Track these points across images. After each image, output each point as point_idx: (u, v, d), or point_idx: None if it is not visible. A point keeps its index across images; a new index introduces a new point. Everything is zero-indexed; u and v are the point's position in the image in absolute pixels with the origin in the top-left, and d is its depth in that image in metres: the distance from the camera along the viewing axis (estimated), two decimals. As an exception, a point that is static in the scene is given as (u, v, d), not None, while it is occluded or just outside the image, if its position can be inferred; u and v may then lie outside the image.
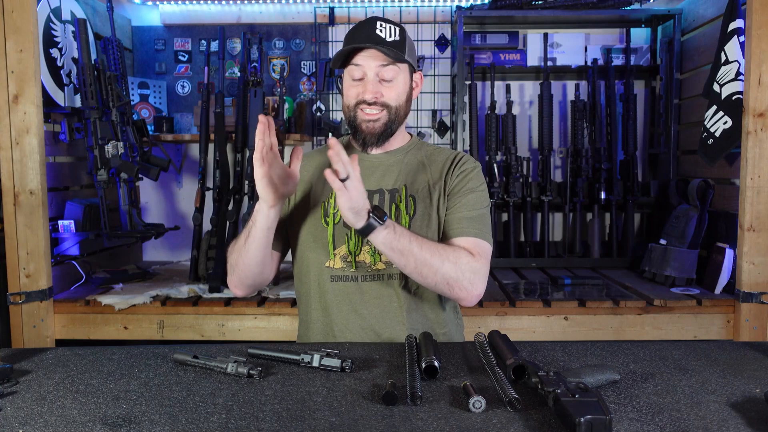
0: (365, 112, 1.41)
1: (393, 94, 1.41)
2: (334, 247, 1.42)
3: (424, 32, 3.10)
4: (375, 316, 1.40)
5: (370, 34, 1.38)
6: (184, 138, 2.91)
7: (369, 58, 1.38)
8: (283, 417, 0.93)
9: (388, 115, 1.41)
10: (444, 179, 1.46)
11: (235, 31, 3.11)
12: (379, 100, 1.39)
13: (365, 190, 1.23)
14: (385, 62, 1.38)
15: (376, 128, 1.41)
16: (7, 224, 2.09)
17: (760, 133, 2.11)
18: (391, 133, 1.45)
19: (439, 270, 1.30)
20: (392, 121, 1.43)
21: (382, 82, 1.40)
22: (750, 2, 2.10)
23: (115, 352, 1.24)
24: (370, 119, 1.41)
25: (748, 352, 1.24)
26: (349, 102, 1.43)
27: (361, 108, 1.41)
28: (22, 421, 0.92)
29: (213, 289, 2.38)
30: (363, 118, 1.41)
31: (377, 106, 1.40)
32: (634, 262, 2.83)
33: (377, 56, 1.38)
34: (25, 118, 2.05)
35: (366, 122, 1.41)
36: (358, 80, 1.41)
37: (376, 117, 1.41)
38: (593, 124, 2.92)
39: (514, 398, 0.94)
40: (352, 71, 1.41)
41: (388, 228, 1.25)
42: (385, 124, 1.42)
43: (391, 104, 1.41)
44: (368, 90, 1.39)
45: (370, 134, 1.42)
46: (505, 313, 2.27)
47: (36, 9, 2.08)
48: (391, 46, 1.38)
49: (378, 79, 1.39)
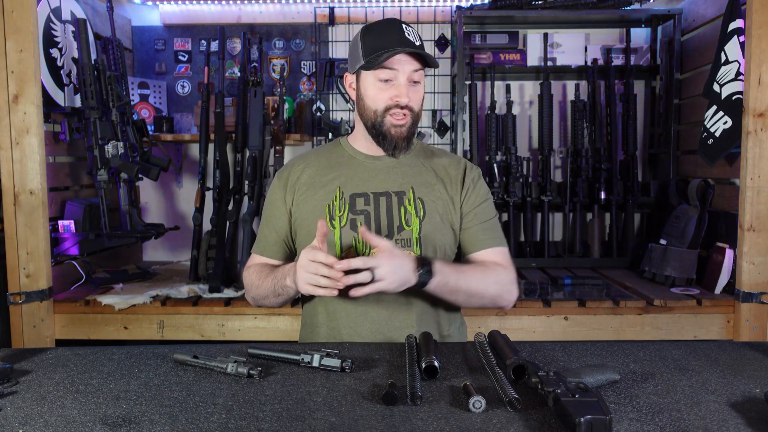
0: (395, 117, 1.40)
1: (417, 99, 1.42)
2: (341, 250, 1.41)
3: (424, 32, 3.09)
4: (384, 319, 1.40)
5: (402, 38, 1.37)
6: (184, 138, 2.91)
7: (405, 63, 1.38)
8: (283, 417, 0.93)
9: (413, 119, 1.42)
10: (460, 188, 1.47)
11: (235, 31, 3.11)
12: (409, 104, 1.40)
13: (396, 256, 1.26)
14: (419, 67, 1.39)
15: (403, 132, 1.41)
16: (7, 224, 2.09)
17: (760, 133, 2.11)
18: (413, 135, 1.46)
19: (485, 294, 1.39)
20: (415, 124, 1.44)
21: (410, 86, 1.40)
22: (750, 2, 2.10)
23: (115, 352, 1.24)
24: (398, 124, 1.40)
25: (748, 352, 1.24)
26: (378, 106, 1.40)
27: (392, 113, 1.40)
28: (22, 421, 0.92)
29: (213, 289, 2.38)
30: (392, 123, 1.40)
31: (406, 110, 1.40)
32: (634, 262, 2.83)
33: (411, 61, 1.38)
34: (25, 118, 2.05)
35: (395, 127, 1.41)
36: (385, 83, 1.39)
37: (404, 122, 1.41)
38: (593, 124, 2.92)
39: (514, 398, 0.94)
40: (382, 74, 1.38)
41: (437, 275, 1.30)
42: (409, 128, 1.42)
43: (416, 109, 1.42)
44: (404, 94, 1.38)
45: (400, 139, 1.42)
46: (505, 313, 2.27)
47: (36, 9, 2.08)
48: (428, 56, 1.39)
49: (409, 83, 1.39)
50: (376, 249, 1.28)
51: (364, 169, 1.47)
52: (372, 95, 1.41)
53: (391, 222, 1.41)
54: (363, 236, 1.28)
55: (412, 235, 1.41)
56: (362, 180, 1.45)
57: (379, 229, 1.41)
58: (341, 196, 1.43)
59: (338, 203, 1.42)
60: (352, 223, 1.41)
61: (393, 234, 1.41)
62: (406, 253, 1.30)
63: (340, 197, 1.43)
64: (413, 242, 1.41)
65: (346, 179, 1.45)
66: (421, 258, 1.30)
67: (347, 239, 1.40)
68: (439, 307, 1.45)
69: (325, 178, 1.46)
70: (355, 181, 1.45)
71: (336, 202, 1.43)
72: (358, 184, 1.44)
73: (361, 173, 1.46)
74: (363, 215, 1.41)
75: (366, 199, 1.43)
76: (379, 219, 1.41)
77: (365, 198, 1.43)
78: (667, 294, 2.34)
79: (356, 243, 1.40)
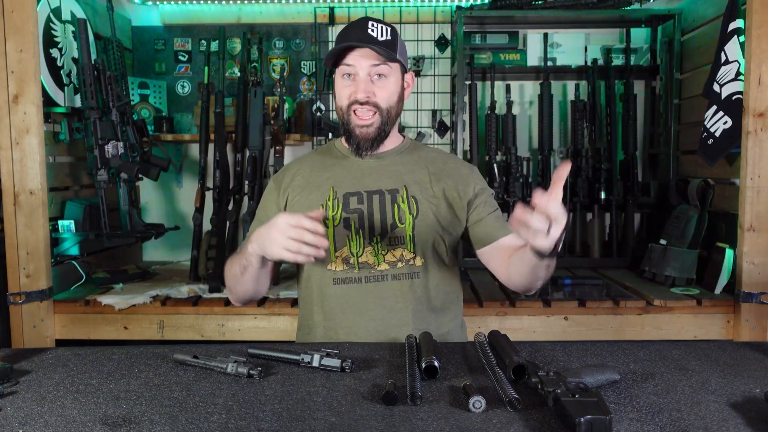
0: (358, 116, 1.40)
1: (384, 94, 1.40)
2: (336, 250, 1.41)
3: (424, 32, 3.09)
4: (380, 318, 1.40)
5: (362, 33, 1.37)
6: (184, 138, 2.91)
7: (361, 58, 1.38)
8: (283, 417, 0.93)
9: (381, 118, 1.41)
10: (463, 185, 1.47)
11: (235, 31, 3.11)
12: (371, 99, 1.39)
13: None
14: (377, 61, 1.38)
15: (370, 133, 1.41)
16: (7, 224, 2.09)
17: (760, 133, 2.11)
18: (385, 135, 1.45)
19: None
20: (384, 123, 1.42)
21: (374, 82, 1.39)
22: (750, 2, 2.10)
23: (115, 352, 1.24)
24: (363, 124, 1.40)
25: (748, 352, 1.24)
26: (342, 103, 1.42)
27: (354, 110, 1.40)
28: (22, 421, 0.92)
29: (213, 289, 2.38)
30: (356, 123, 1.41)
31: (369, 106, 1.39)
32: (634, 262, 2.83)
33: (369, 55, 1.37)
34: (25, 118, 2.05)
35: (360, 128, 1.41)
36: (349, 80, 1.40)
37: (370, 122, 1.40)
38: (593, 124, 2.91)
39: (514, 398, 0.94)
40: (344, 71, 1.40)
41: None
42: (378, 128, 1.41)
43: (382, 105, 1.41)
44: (360, 89, 1.38)
45: (364, 139, 1.42)
46: (505, 313, 2.27)
47: (36, 9, 2.08)
48: (383, 45, 1.37)
49: (369, 79, 1.39)
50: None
51: (357, 168, 1.47)
52: (338, 92, 1.43)
53: (384, 220, 1.42)
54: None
55: (405, 232, 1.42)
56: (355, 179, 1.46)
57: (372, 228, 1.41)
58: (334, 196, 1.44)
59: (331, 203, 1.43)
60: (345, 221, 1.41)
61: (387, 232, 1.41)
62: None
63: (334, 197, 1.43)
64: (407, 240, 1.41)
65: (340, 179, 1.46)
66: None
67: (341, 238, 1.41)
68: (435, 305, 1.45)
69: (318, 178, 1.47)
70: (349, 180, 1.45)
71: (329, 201, 1.43)
72: (351, 183, 1.45)
73: (354, 172, 1.47)
74: (356, 214, 1.42)
75: (359, 197, 1.43)
76: (372, 217, 1.42)
77: (358, 197, 1.43)
78: (667, 294, 2.33)
79: (349, 241, 1.41)
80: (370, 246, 1.40)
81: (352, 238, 1.41)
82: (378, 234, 1.41)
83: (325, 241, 1.20)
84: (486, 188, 1.51)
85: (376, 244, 1.40)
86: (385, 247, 1.40)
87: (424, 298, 1.43)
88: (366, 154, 1.46)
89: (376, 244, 1.40)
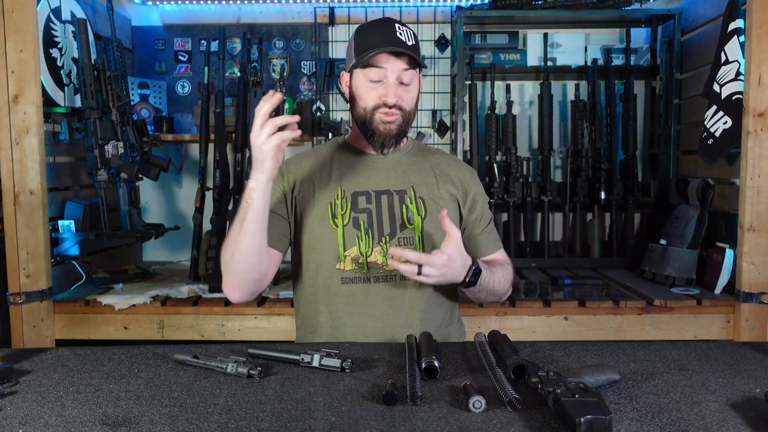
0: (385, 114, 1.41)
1: (409, 98, 1.43)
2: (345, 249, 1.41)
3: (424, 32, 3.09)
4: (388, 318, 1.40)
5: (392, 37, 1.38)
6: (184, 138, 2.91)
7: (394, 62, 1.38)
8: (283, 417, 0.93)
9: (403, 118, 1.43)
10: (464, 196, 1.50)
11: (235, 31, 3.11)
12: (398, 103, 1.40)
13: (453, 260, 1.29)
14: (408, 67, 1.40)
15: (392, 130, 1.42)
16: (7, 224, 2.09)
17: (760, 133, 2.11)
18: (404, 134, 1.47)
19: (500, 291, 1.46)
20: (406, 123, 1.44)
21: (401, 86, 1.41)
22: (750, 2, 2.10)
23: (115, 352, 1.24)
24: (388, 121, 1.41)
25: (748, 352, 1.24)
26: (367, 104, 1.41)
27: (381, 111, 1.41)
28: (22, 421, 0.92)
29: (213, 289, 2.38)
30: (382, 119, 1.41)
31: (395, 108, 1.40)
32: (634, 262, 2.83)
33: (400, 61, 1.39)
34: (25, 118, 2.05)
35: (384, 124, 1.41)
36: (376, 82, 1.40)
37: (394, 119, 1.41)
38: (593, 124, 2.91)
39: (514, 398, 0.94)
40: (372, 73, 1.39)
41: (480, 278, 1.36)
42: (399, 126, 1.43)
43: (407, 108, 1.42)
44: (391, 94, 1.39)
45: (388, 136, 1.43)
46: (505, 313, 2.27)
47: (36, 9, 2.08)
48: (411, 50, 1.40)
49: (398, 83, 1.40)
50: (447, 239, 1.28)
51: (364, 167, 1.48)
52: (362, 94, 1.42)
53: (393, 220, 1.42)
54: (441, 223, 1.29)
55: (415, 233, 1.42)
56: (363, 179, 1.46)
57: (381, 228, 1.41)
58: (342, 195, 1.43)
59: (340, 202, 1.43)
60: (354, 221, 1.41)
61: (396, 232, 1.42)
62: (464, 257, 1.32)
63: (342, 196, 1.43)
64: (416, 241, 1.42)
65: (347, 178, 1.46)
66: (474, 261, 1.34)
67: (350, 237, 1.41)
68: (442, 304, 1.46)
69: (324, 176, 1.47)
70: (356, 179, 1.46)
71: (338, 200, 1.43)
72: (358, 182, 1.45)
73: (361, 172, 1.47)
74: (365, 213, 1.42)
75: (368, 197, 1.44)
76: (381, 217, 1.42)
77: (367, 196, 1.44)
78: (667, 294, 2.34)
79: (359, 241, 1.41)
80: (379, 246, 1.40)
81: (362, 238, 1.41)
82: (387, 234, 1.41)
83: (296, 118, 1.25)
84: (483, 198, 1.55)
85: (385, 244, 1.40)
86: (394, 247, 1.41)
87: (432, 299, 1.44)
88: (387, 151, 1.48)
89: (385, 245, 1.40)
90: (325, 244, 1.41)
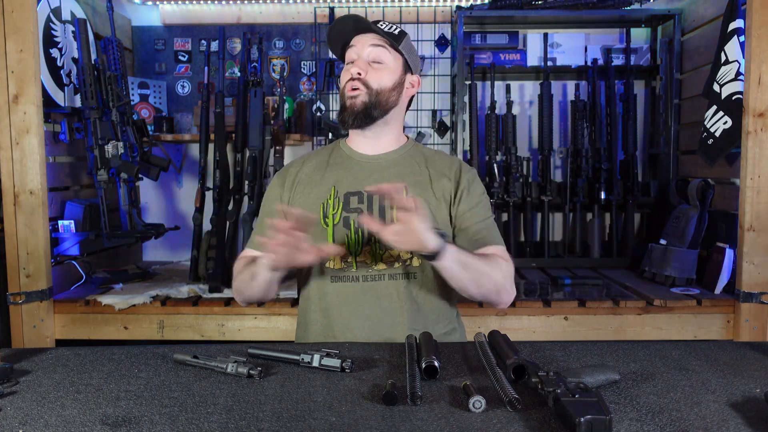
0: (349, 90, 1.44)
1: (378, 77, 1.44)
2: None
3: (424, 32, 3.09)
4: (376, 316, 1.41)
5: (360, 21, 1.45)
6: (184, 138, 2.91)
7: (362, 39, 1.45)
8: (283, 417, 0.93)
9: (369, 96, 1.43)
10: (455, 187, 1.47)
11: (235, 31, 3.11)
12: (363, 77, 1.43)
13: (412, 221, 1.22)
14: (377, 42, 1.44)
15: (356, 105, 1.43)
16: (7, 224, 2.09)
17: (760, 133, 2.11)
18: (371, 116, 1.44)
19: (493, 277, 1.35)
20: (372, 103, 1.43)
21: (372, 65, 1.44)
22: (750, 2, 2.10)
23: (115, 352, 1.24)
24: (351, 96, 1.44)
25: (748, 352, 1.24)
26: (342, 84, 1.47)
27: (348, 86, 1.44)
28: (22, 421, 0.92)
29: (213, 289, 2.38)
30: (348, 95, 1.44)
31: (359, 83, 1.43)
32: (634, 262, 2.83)
33: (371, 38, 1.44)
34: (25, 118, 2.05)
35: (350, 99, 1.44)
36: (351, 64, 1.46)
37: (357, 93, 1.43)
38: (593, 124, 2.91)
39: (514, 398, 0.94)
40: (349, 55, 1.47)
41: (451, 246, 1.27)
42: (364, 103, 1.43)
43: (372, 86, 1.43)
44: (357, 65, 1.43)
45: (351, 110, 1.44)
46: (505, 313, 2.27)
47: (36, 9, 2.08)
48: (388, 35, 1.44)
49: (368, 62, 1.44)
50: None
51: (359, 168, 1.49)
52: (342, 77, 1.49)
53: (383, 220, 1.42)
54: (363, 221, 1.24)
55: None
56: (357, 179, 1.47)
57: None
58: (335, 195, 1.45)
59: (332, 201, 1.44)
60: (345, 220, 1.42)
61: None
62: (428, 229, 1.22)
63: (335, 196, 1.44)
64: None
65: (341, 178, 1.47)
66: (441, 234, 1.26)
67: (340, 236, 1.41)
68: (431, 306, 1.45)
69: (320, 176, 1.49)
70: (350, 179, 1.47)
71: (330, 200, 1.44)
72: (352, 182, 1.46)
73: (356, 172, 1.48)
74: (356, 213, 1.43)
75: (360, 197, 1.44)
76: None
77: (359, 196, 1.44)
78: (667, 294, 2.34)
79: (348, 240, 1.41)
80: (369, 245, 1.41)
81: (351, 237, 1.41)
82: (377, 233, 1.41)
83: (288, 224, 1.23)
84: (480, 196, 1.50)
85: (374, 243, 1.41)
86: (383, 246, 1.41)
87: (419, 299, 1.43)
88: (351, 127, 1.47)
89: (375, 244, 1.41)
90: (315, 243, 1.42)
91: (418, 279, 1.43)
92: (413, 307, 1.42)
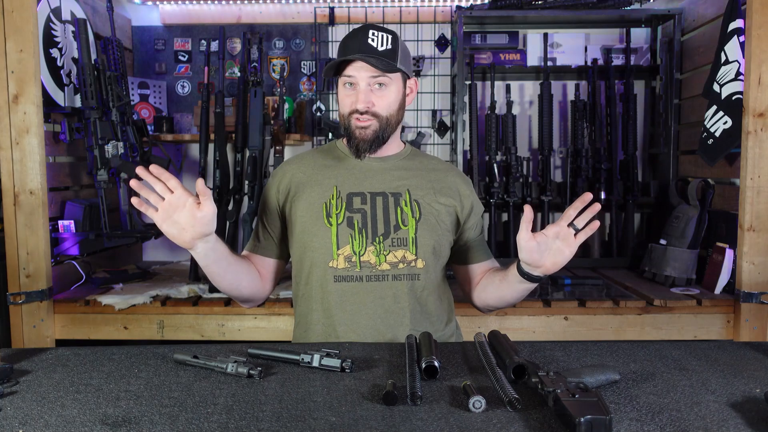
0: (359, 120, 1.42)
1: (384, 104, 1.43)
2: (338, 247, 1.42)
3: (424, 32, 3.09)
4: (379, 317, 1.41)
5: (362, 44, 1.39)
6: (184, 138, 2.91)
7: (361, 69, 1.40)
8: (283, 417, 0.93)
9: (379, 124, 1.43)
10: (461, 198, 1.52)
11: (235, 31, 3.11)
12: (371, 109, 1.41)
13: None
14: (376, 74, 1.40)
15: (367, 135, 1.43)
16: (7, 224, 2.09)
17: (760, 133, 2.11)
18: (383, 140, 1.46)
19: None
20: (383, 129, 1.44)
21: (374, 91, 1.42)
22: (750, 2, 2.10)
23: (115, 352, 1.24)
24: (362, 125, 1.43)
25: (748, 352, 1.24)
26: (344, 111, 1.45)
27: (355, 117, 1.43)
28: (22, 421, 0.92)
29: (213, 289, 2.38)
30: (356, 125, 1.43)
31: (368, 114, 1.42)
32: (634, 262, 2.83)
33: (369, 67, 1.39)
34: (25, 118, 2.05)
35: (359, 128, 1.43)
36: (351, 89, 1.43)
37: (368, 124, 1.42)
38: (593, 124, 2.92)
39: (514, 398, 0.94)
40: (345, 80, 1.43)
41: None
42: (375, 132, 1.43)
43: (382, 114, 1.43)
44: (360, 99, 1.41)
45: (363, 141, 1.44)
46: (505, 313, 2.27)
47: (36, 9, 2.08)
48: (383, 55, 1.39)
49: (370, 89, 1.41)
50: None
51: (360, 169, 1.49)
52: (341, 100, 1.46)
53: (387, 221, 1.43)
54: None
55: (408, 234, 1.43)
56: (358, 180, 1.47)
57: (375, 228, 1.43)
58: (338, 195, 1.45)
59: (335, 201, 1.44)
60: (348, 220, 1.42)
61: (390, 233, 1.43)
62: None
63: (337, 196, 1.45)
64: (409, 242, 1.43)
65: (343, 179, 1.47)
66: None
67: (343, 236, 1.42)
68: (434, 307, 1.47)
69: (321, 176, 1.49)
70: (352, 180, 1.47)
71: (333, 200, 1.44)
72: (354, 183, 1.47)
73: (357, 173, 1.48)
74: (360, 213, 1.43)
75: (363, 198, 1.45)
76: (375, 218, 1.43)
77: (362, 197, 1.45)
78: (667, 294, 2.34)
79: (352, 240, 1.41)
80: (373, 246, 1.41)
81: (355, 237, 1.42)
82: (381, 234, 1.42)
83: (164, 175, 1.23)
84: (479, 207, 1.56)
85: (378, 244, 1.41)
86: (387, 247, 1.42)
87: (423, 300, 1.44)
88: (365, 156, 1.47)
89: (379, 244, 1.41)
90: (318, 243, 1.43)
91: (421, 280, 1.43)
92: (416, 308, 1.43)
